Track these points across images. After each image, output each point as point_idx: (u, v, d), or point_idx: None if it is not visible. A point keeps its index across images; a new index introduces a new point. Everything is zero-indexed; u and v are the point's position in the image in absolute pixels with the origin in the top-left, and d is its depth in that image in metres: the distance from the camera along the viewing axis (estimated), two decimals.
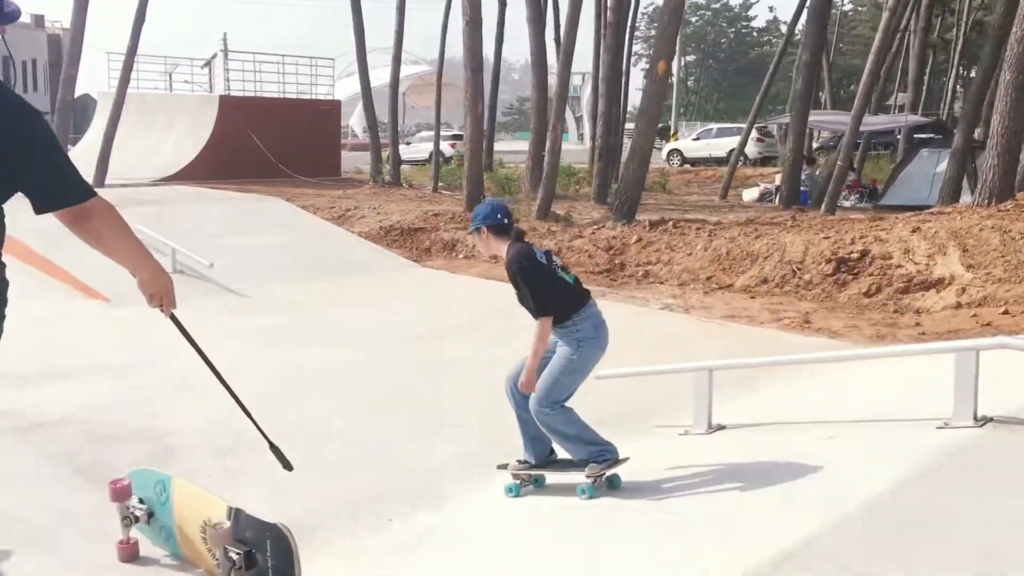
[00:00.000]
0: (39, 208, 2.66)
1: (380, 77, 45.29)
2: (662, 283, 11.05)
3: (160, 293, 3.11)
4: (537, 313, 4.26)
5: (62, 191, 2.66)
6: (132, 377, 6.61)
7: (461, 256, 12.77)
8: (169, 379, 6.54)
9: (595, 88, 21.23)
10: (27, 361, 6.78)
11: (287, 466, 3.61)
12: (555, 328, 4.31)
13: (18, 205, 2.78)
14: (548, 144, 14.68)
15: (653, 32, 78.19)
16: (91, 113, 39.95)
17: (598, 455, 4.38)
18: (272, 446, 3.62)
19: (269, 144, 23.22)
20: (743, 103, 74.82)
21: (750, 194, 20.78)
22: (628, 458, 4.50)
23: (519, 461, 4.65)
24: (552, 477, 4.61)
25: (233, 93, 25.07)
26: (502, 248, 4.38)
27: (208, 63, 32.67)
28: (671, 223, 12.91)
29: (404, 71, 34.79)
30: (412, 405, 6.28)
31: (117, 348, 7.40)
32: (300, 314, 8.83)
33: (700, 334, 8.73)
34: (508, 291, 11.14)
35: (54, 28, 47.31)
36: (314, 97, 27.46)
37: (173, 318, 3.30)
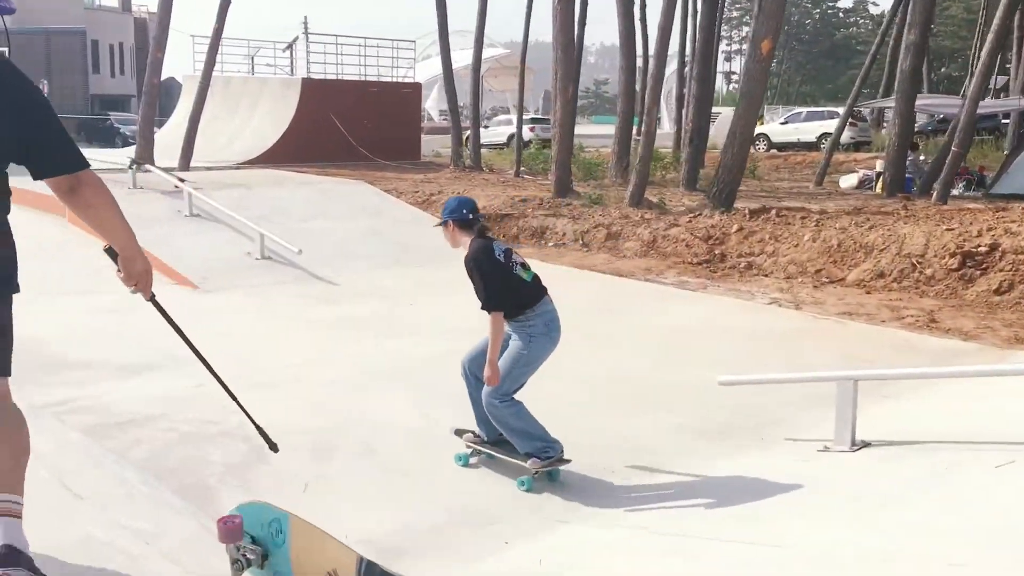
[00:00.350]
0: (38, 174, 2.69)
1: (456, 60, 45.00)
2: (767, 275, 10.38)
3: (140, 275, 3.03)
4: (485, 307, 4.52)
5: (62, 159, 2.71)
6: (218, 368, 6.28)
7: (551, 244, 12.27)
8: (255, 373, 6.21)
9: (678, 70, 20.54)
10: (111, 351, 6.54)
11: (273, 447, 3.67)
12: (509, 322, 4.58)
13: None
14: (644, 127, 14.03)
15: (735, 13, 76.20)
16: (176, 96, 40.48)
17: (542, 451, 4.59)
18: (257, 428, 3.64)
19: (349, 127, 23.06)
20: (826, 86, 72.51)
21: (848, 181, 19.76)
22: (570, 460, 4.67)
23: (475, 435, 4.93)
24: (500, 455, 4.78)
25: (314, 76, 24.94)
26: (466, 242, 4.60)
27: (290, 46, 32.74)
28: (774, 212, 12.19)
29: (485, 53, 34.49)
30: None
31: (203, 338, 7.06)
32: (388, 303, 8.44)
33: (815, 332, 8.07)
34: (602, 282, 10.71)
35: (140, 12, 48.15)
36: (395, 80, 27.23)
37: (153, 301, 3.22)
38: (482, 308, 4.53)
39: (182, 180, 11.13)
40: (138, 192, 10.90)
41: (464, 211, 4.60)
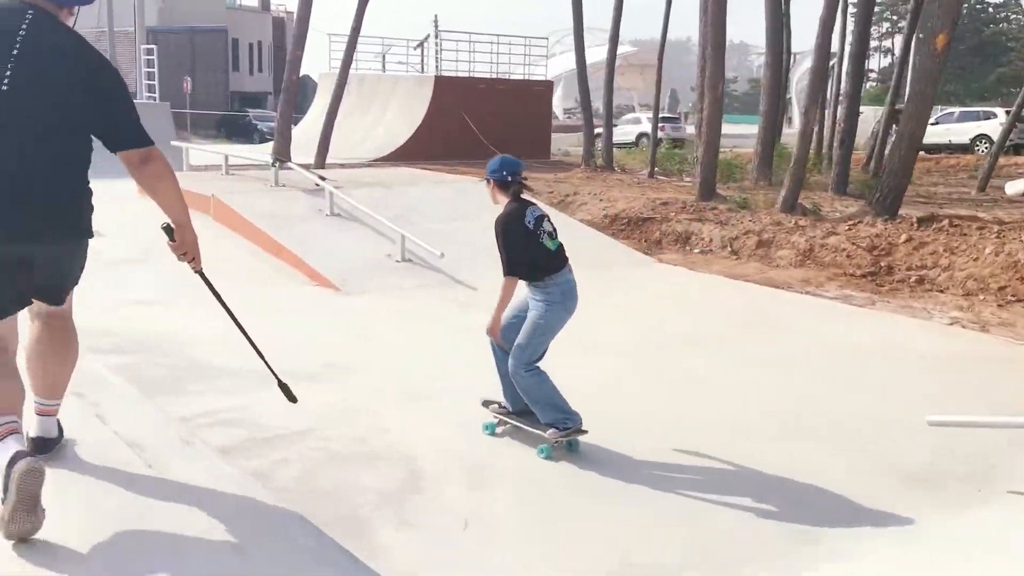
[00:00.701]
0: (111, 146, 3.06)
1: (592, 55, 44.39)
2: (942, 292, 9.45)
3: (190, 244, 3.32)
4: (504, 270, 4.68)
5: (132, 134, 3.08)
6: (364, 378, 5.97)
7: (696, 251, 11.61)
8: (404, 383, 5.87)
9: (815, 68, 19.24)
10: (253, 357, 6.32)
11: (291, 399, 4.01)
12: (528, 286, 4.73)
13: None
14: (800, 128, 13.18)
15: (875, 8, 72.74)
16: (311, 94, 41.53)
17: (561, 421, 4.71)
18: (280, 383, 3.97)
19: (480, 124, 22.88)
20: (972, 85, 68.34)
21: (1015, 187, 18.22)
22: (588, 431, 4.75)
23: (500, 405, 5.07)
24: (523, 425, 4.91)
25: (446, 73, 24.87)
26: (503, 202, 4.81)
27: (421, 44, 32.97)
28: (946, 221, 11.17)
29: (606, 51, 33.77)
30: (651, 430, 5.26)
31: (347, 344, 6.82)
32: None
33: (1011, 360, 7.19)
34: (756, 293, 10.01)
35: (279, 11, 49.54)
36: (526, 77, 26.94)
37: (200, 273, 3.51)
38: (503, 272, 4.70)
39: (322, 178, 11.02)
40: (280, 189, 10.84)
41: (504, 172, 4.77)
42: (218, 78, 40.75)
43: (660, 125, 32.11)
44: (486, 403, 5.14)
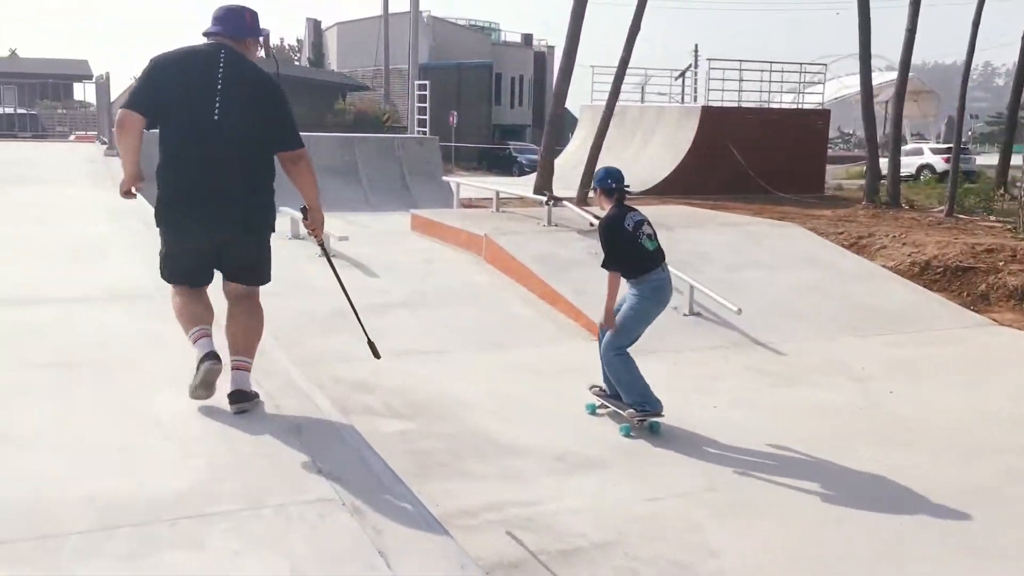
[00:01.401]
0: (277, 149, 3.93)
1: (848, 86, 41.39)
2: None
3: (320, 222, 4.13)
4: (604, 265, 5.47)
5: (292, 140, 3.94)
6: (670, 471, 5.00)
7: None
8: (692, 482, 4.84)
9: None
10: (540, 428, 5.53)
11: (376, 354, 4.41)
12: (628, 281, 5.44)
13: None
14: None
15: None
16: (568, 126, 41.37)
17: (640, 404, 5.38)
18: (369, 341, 4.36)
19: (748, 156, 21.46)
20: None
21: None
22: (664, 416, 5.41)
23: (601, 388, 5.72)
24: (613, 406, 5.57)
25: (712, 103, 23.62)
26: (607, 207, 5.52)
27: (682, 74, 31.94)
28: None
29: (880, 77, 31.01)
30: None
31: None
32: (859, 387, 6.64)
33: None
34: None
35: (540, 46, 50.37)
36: (800, 106, 25.13)
37: (322, 246, 4.47)
38: (601, 266, 5.46)
39: (598, 218, 10.26)
40: (553, 230, 10.20)
41: (609, 181, 5.48)
42: (482, 111, 41.84)
43: (944, 156, 29.06)
44: (592, 387, 5.84)
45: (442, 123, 30.55)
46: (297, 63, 53.99)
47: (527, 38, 50.11)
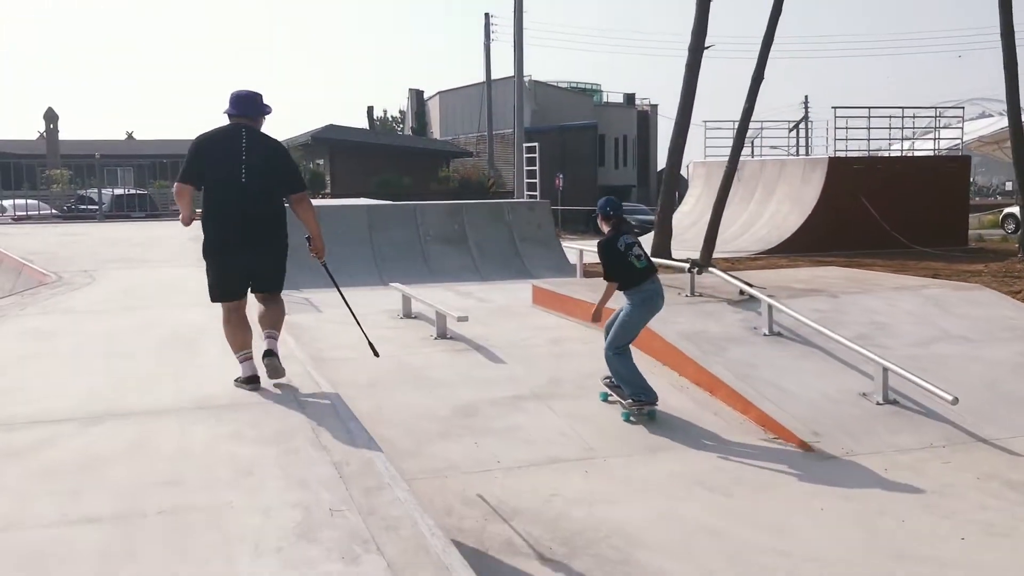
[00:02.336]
0: (290, 192, 5.44)
1: (977, 127, 38.74)
2: None
3: (321, 248, 5.53)
4: (604, 276, 6.68)
5: (296, 184, 5.47)
6: None
7: None
8: None
9: None
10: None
11: (375, 352, 5.78)
12: (622, 291, 6.54)
13: None
14: None
15: None
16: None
17: (638, 395, 6.40)
18: (367, 338, 5.73)
19: (880, 209, 19.71)
20: None
21: None
22: (657, 406, 6.45)
23: (611, 379, 6.71)
24: (616, 396, 6.67)
25: (838, 153, 21.95)
26: (606, 230, 6.65)
27: (796, 125, 30.51)
28: None
29: (996, 124, 28.74)
30: None
31: (872, 567, 4.44)
32: None
33: None
34: None
35: (643, 105, 49.43)
36: (936, 152, 23.20)
37: (324, 266, 5.72)
38: (603, 277, 6.72)
39: (749, 285, 8.88)
40: (699, 301, 8.82)
41: (608, 208, 6.66)
42: (587, 172, 40.91)
43: None
44: (604, 378, 6.76)
45: (548, 186, 29.67)
46: (399, 131, 54.54)
47: (629, 98, 49.22)
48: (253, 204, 5.21)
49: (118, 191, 23.27)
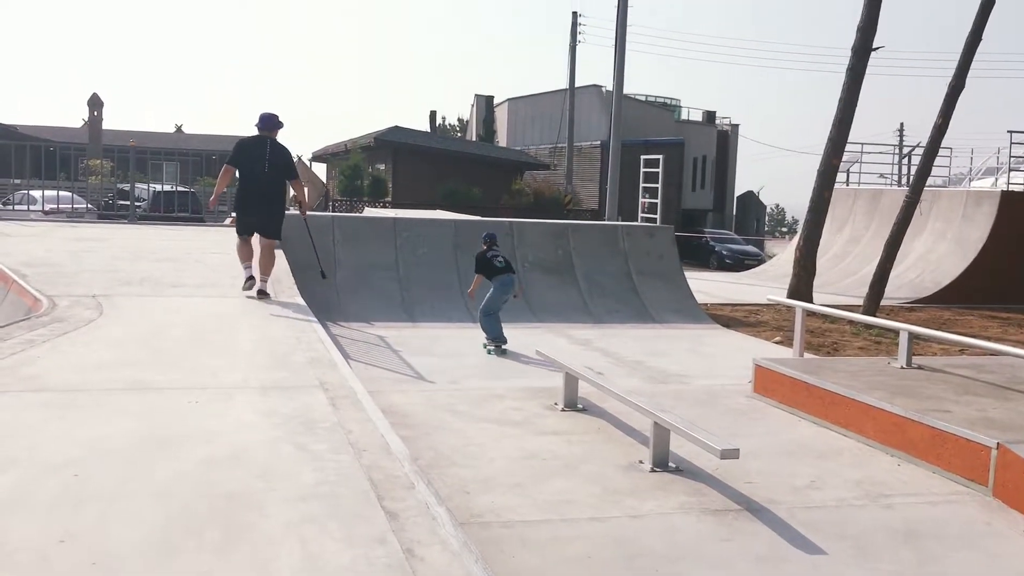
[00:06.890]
0: (288, 177, 9.11)
1: None
2: None
3: (307, 211, 9.77)
4: (475, 271, 9.22)
5: (295, 173, 9.29)
6: None
7: None
8: None
9: None
10: None
11: (323, 275, 9.79)
12: (487, 279, 9.09)
13: None
14: None
15: None
16: (751, 211, 36.17)
17: (493, 339, 8.97)
18: (317, 257, 9.72)
19: None
20: None
21: None
22: (508, 348, 8.94)
23: (488, 339, 9.13)
24: (486, 342, 9.05)
25: (1013, 186, 18.36)
26: (483, 250, 9.25)
27: (910, 152, 27.40)
28: None
29: None
30: None
31: None
32: None
33: None
34: None
35: (723, 124, 46.00)
36: None
37: (305, 221, 9.51)
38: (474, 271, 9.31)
39: None
40: (911, 373, 5.40)
41: (485, 235, 9.30)
42: (671, 194, 37.48)
43: None
44: (485, 344, 9.11)
45: (626, 206, 26.31)
46: (459, 137, 51.40)
47: (710, 115, 45.77)
48: (268, 186, 8.93)
49: (160, 187, 20.38)
